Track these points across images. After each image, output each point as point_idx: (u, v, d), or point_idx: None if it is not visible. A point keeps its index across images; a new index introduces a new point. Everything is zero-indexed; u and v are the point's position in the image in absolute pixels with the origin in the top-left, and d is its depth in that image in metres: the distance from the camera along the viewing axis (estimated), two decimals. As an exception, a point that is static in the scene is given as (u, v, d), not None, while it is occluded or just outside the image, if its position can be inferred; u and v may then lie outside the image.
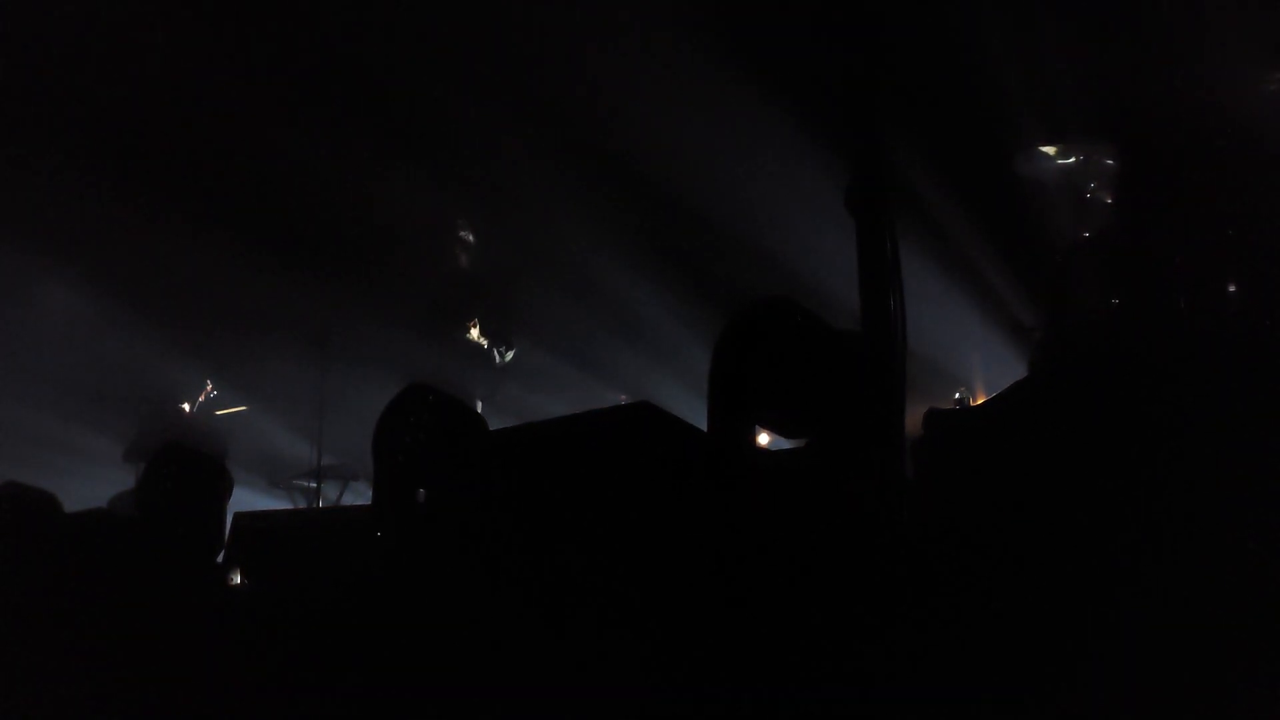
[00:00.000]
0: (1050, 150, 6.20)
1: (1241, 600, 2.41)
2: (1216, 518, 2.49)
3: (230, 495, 3.74)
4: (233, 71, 7.06)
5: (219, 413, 7.92)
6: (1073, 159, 6.14)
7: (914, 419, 2.89)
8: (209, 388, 7.98)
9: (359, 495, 7.37)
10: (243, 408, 7.95)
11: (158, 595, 3.30)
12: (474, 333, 7.46)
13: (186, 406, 7.92)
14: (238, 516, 3.71)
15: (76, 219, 7.28)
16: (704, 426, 2.77)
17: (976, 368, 7.09)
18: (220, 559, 3.61)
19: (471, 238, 7.61)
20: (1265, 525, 2.46)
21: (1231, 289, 4.92)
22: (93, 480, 6.95)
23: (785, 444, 2.79)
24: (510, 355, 7.63)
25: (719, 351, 2.76)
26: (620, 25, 6.76)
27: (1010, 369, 6.41)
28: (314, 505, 7.35)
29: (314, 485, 7.39)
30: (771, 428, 2.75)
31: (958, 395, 7.02)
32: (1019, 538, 2.58)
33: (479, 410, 6.61)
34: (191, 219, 7.42)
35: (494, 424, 3.27)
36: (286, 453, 7.87)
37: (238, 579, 3.52)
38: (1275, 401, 2.58)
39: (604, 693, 2.51)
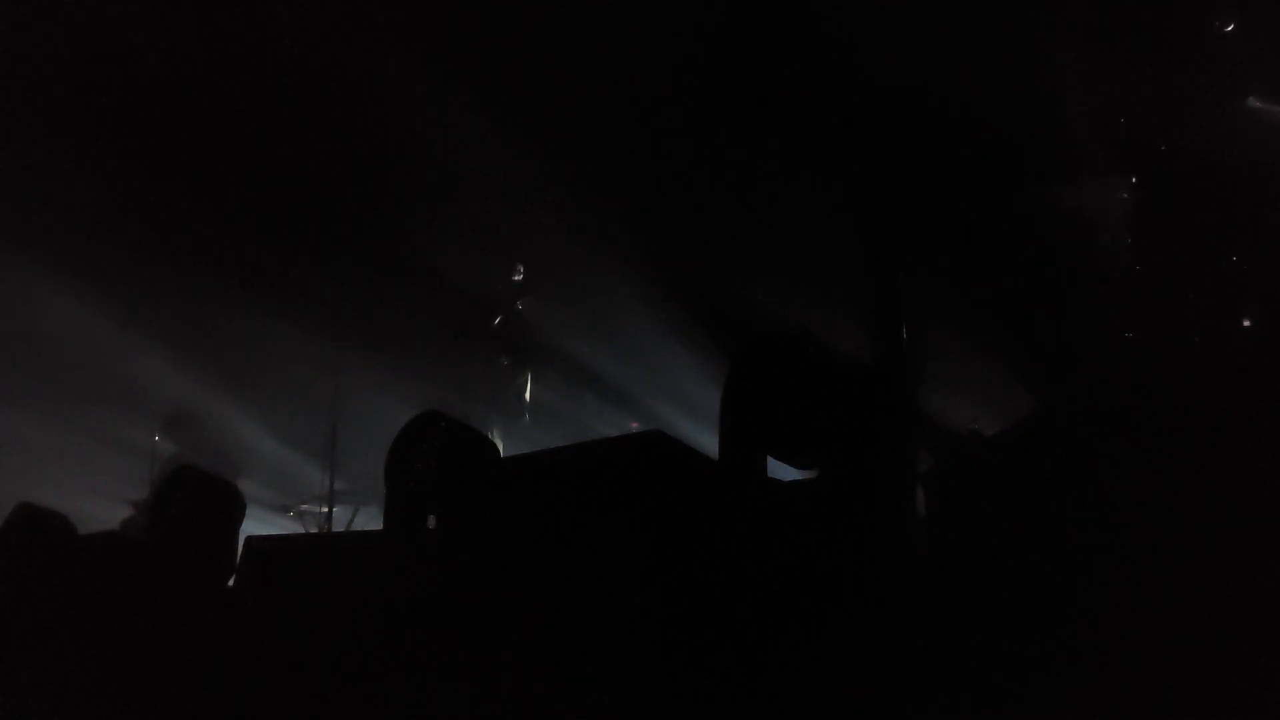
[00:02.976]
0: (1064, 185, 6.20)
1: (1262, 633, 2.39)
2: (1235, 551, 2.48)
3: (243, 519, 3.74)
4: (260, 82, 7.03)
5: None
6: (1087, 194, 6.14)
7: (926, 450, 2.89)
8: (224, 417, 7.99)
9: (370, 521, 7.37)
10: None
11: (169, 619, 3.30)
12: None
13: (199, 429, 7.93)
14: (249, 540, 3.71)
15: (86, 228, 7.24)
16: (715, 455, 2.78)
17: (989, 400, 7.06)
18: (231, 583, 3.61)
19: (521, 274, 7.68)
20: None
21: (1246, 323, 4.92)
22: (106, 500, 6.95)
23: (797, 474, 2.79)
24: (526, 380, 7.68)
25: (732, 381, 2.77)
26: (632, 63, 6.78)
27: (1024, 402, 6.38)
28: (325, 530, 7.36)
29: (324, 510, 7.40)
30: (783, 458, 2.75)
31: (970, 427, 6.99)
32: (1031, 571, 2.58)
33: (496, 439, 6.63)
34: (207, 236, 7.42)
35: (508, 451, 3.28)
36: (297, 477, 7.87)
37: (249, 603, 3.52)
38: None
39: (613, 721, 2.51)
